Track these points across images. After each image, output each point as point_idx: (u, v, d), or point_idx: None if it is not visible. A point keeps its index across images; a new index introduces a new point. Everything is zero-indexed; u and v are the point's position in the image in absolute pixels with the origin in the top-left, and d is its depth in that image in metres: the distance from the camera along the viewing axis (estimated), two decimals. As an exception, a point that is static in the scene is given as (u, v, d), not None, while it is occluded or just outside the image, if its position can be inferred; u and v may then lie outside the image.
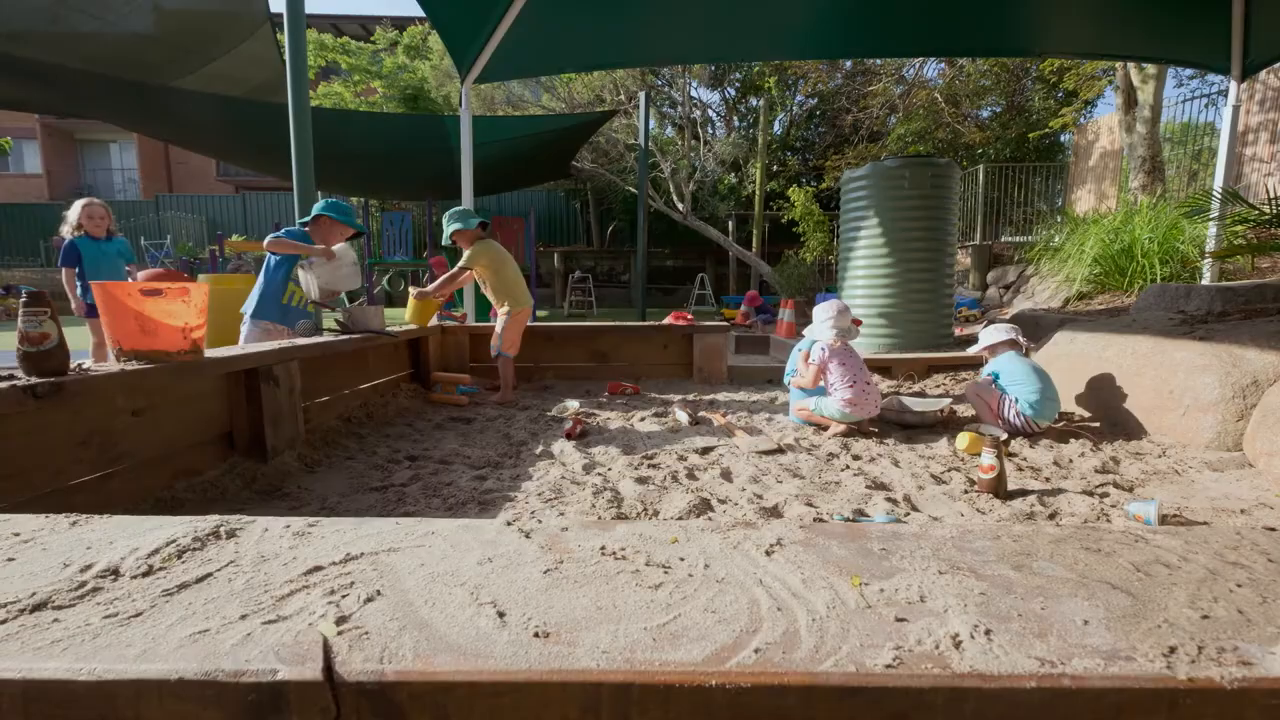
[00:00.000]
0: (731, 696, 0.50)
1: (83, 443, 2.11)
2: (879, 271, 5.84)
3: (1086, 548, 0.76)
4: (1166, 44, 6.49)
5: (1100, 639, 0.56)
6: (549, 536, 0.77)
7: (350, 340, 3.79)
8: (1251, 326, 3.67)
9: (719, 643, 0.55)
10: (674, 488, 2.68)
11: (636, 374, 5.47)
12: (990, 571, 0.69)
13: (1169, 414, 3.36)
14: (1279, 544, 0.76)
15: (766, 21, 6.38)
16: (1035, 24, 6.66)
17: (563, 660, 0.52)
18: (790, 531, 0.80)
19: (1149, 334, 3.90)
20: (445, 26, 5.60)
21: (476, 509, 2.48)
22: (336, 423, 3.59)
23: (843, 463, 2.95)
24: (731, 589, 0.65)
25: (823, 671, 0.51)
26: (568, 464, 3.00)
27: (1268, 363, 3.17)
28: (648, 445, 3.26)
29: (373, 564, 0.69)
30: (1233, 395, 3.14)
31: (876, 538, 0.79)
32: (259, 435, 2.93)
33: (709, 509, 2.40)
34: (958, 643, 0.55)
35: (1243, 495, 2.67)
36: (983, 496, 2.55)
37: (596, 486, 2.67)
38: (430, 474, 2.91)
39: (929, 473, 2.84)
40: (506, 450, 3.24)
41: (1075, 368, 4.23)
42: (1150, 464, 3.04)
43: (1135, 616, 0.60)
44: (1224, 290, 4.96)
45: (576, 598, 0.62)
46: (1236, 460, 2.99)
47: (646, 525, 0.81)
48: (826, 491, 2.57)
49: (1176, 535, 0.80)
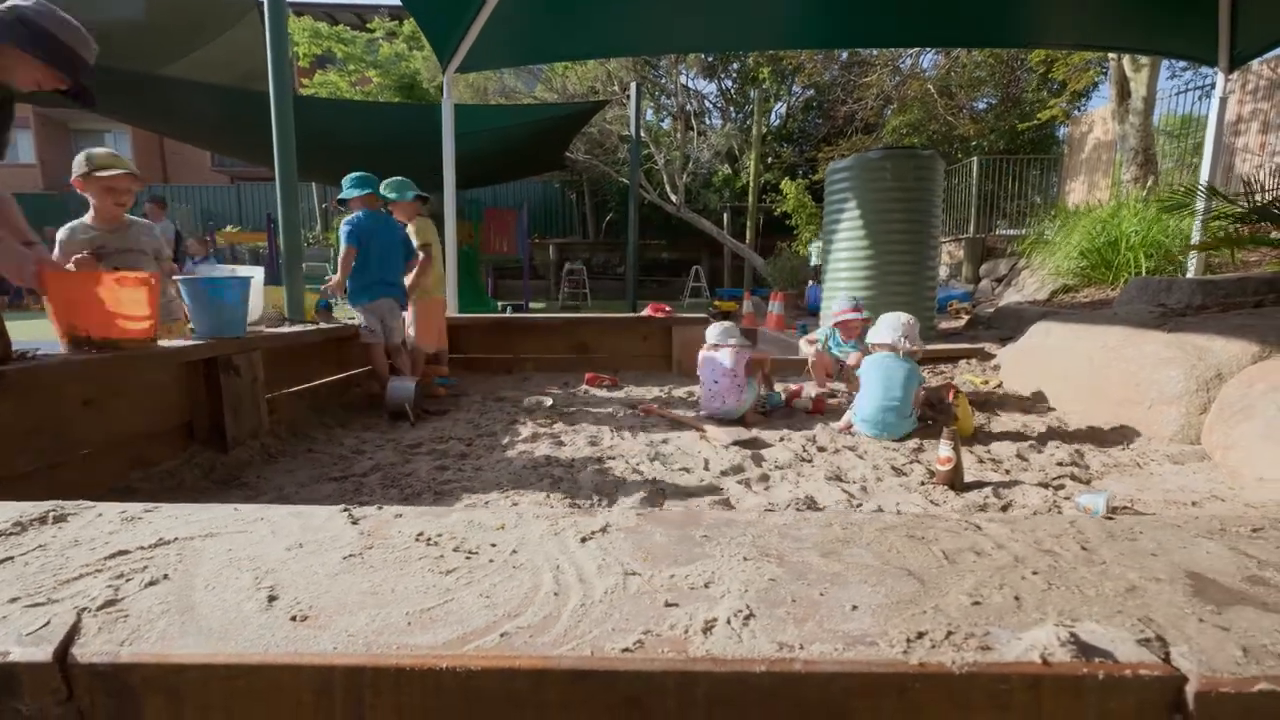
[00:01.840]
0: (462, 679, 0.50)
1: (31, 432, 2.12)
2: (860, 263, 5.82)
3: (910, 535, 0.76)
4: (1155, 36, 6.42)
5: (856, 625, 0.56)
6: (375, 523, 0.78)
7: (319, 331, 3.80)
8: (1220, 320, 3.65)
9: (471, 626, 0.55)
10: (633, 479, 2.68)
11: (616, 365, 5.47)
12: (796, 558, 0.69)
13: (1136, 407, 3.35)
14: (1102, 532, 0.76)
15: (756, 11, 6.33)
16: (1024, 15, 6.59)
17: (305, 643, 0.52)
18: (621, 519, 0.80)
19: (1122, 327, 3.88)
20: (422, 13, 5.56)
21: (431, 499, 2.48)
22: (306, 413, 3.60)
23: (809, 454, 2.94)
24: (522, 574, 0.65)
25: (556, 655, 0.51)
26: (534, 455, 3.00)
27: (1231, 356, 3.15)
28: (616, 437, 3.25)
29: (180, 549, 0.70)
30: (1196, 389, 3.12)
31: (706, 525, 0.79)
32: (219, 425, 2.93)
33: (662, 498, 2.41)
34: (709, 628, 0.55)
35: (1197, 487, 2.66)
36: (938, 488, 2.55)
37: (555, 478, 2.68)
38: (392, 465, 2.92)
39: (891, 465, 2.84)
40: (475, 441, 3.23)
41: (1049, 360, 4.21)
42: (1113, 456, 3.02)
43: (909, 602, 0.60)
44: (1205, 284, 4.93)
45: (357, 582, 0.62)
46: (1197, 453, 2.98)
47: (482, 513, 0.81)
48: (786, 482, 2.56)
49: (1008, 524, 0.79)
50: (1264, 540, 0.74)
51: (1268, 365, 2.87)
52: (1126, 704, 0.50)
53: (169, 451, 2.77)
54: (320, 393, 3.81)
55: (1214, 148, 5.88)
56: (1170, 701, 0.50)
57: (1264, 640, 0.54)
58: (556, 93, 13.04)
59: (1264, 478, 2.53)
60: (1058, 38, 7.19)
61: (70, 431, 2.29)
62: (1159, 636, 0.54)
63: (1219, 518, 0.81)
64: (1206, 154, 5.96)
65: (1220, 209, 4.86)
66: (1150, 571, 0.66)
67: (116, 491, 2.43)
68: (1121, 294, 5.71)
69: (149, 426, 2.67)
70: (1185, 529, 0.78)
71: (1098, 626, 0.55)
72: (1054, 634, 0.52)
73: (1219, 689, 0.49)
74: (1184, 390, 3.16)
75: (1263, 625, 0.56)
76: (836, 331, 3.97)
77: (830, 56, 13.66)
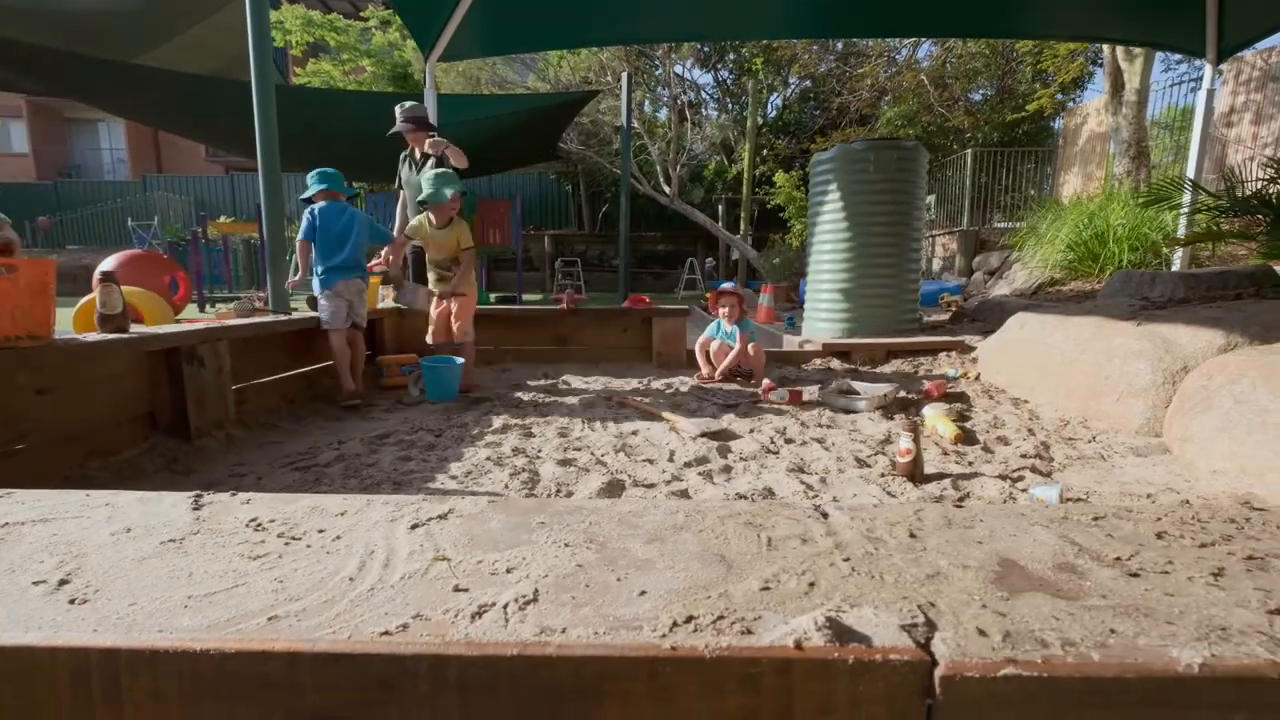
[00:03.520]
0: (216, 662, 0.50)
1: (-24, 420, 2.12)
2: (843, 255, 5.79)
3: (749, 522, 0.76)
4: (1143, 27, 6.36)
5: (633, 610, 0.56)
6: (216, 510, 0.78)
7: (290, 321, 3.80)
8: (1191, 312, 3.63)
9: (246, 610, 0.55)
10: (595, 470, 2.67)
11: (596, 357, 5.47)
12: (618, 545, 0.69)
13: (1105, 399, 3.33)
14: (941, 520, 0.76)
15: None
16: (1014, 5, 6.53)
17: (68, 627, 0.52)
18: (468, 506, 0.80)
19: (1095, 319, 3.86)
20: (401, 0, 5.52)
21: (390, 488, 2.49)
22: (277, 403, 3.60)
23: (776, 446, 2.93)
24: (331, 559, 0.65)
25: (309, 639, 0.51)
26: (501, 445, 2.99)
27: (1199, 349, 3.13)
28: (587, 428, 3.24)
29: (4, 534, 0.70)
30: (1163, 381, 3.11)
31: (550, 513, 0.79)
32: (183, 415, 2.94)
33: (621, 490, 2.40)
34: (480, 613, 0.55)
35: (1155, 480, 2.65)
36: (897, 480, 2.54)
37: (517, 468, 2.67)
38: (357, 455, 2.92)
39: (856, 456, 2.83)
40: (445, 432, 3.23)
41: (1024, 352, 4.19)
42: (1079, 449, 3.01)
43: (702, 588, 0.60)
44: (1187, 277, 4.90)
45: (160, 567, 0.63)
46: (1160, 446, 2.97)
47: (331, 500, 0.81)
48: (748, 473, 2.56)
49: (852, 512, 0.79)
50: (1097, 529, 0.74)
51: (1227, 358, 2.85)
52: (876, 687, 0.50)
53: (130, 441, 2.77)
54: (293, 383, 3.81)
55: (1201, 140, 5.83)
56: (921, 686, 0.50)
57: (1035, 626, 0.54)
58: (549, 83, 12.98)
59: (1217, 470, 2.52)
60: (1047, 28, 7.13)
61: (22, 420, 2.29)
62: (930, 622, 0.54)
63: (1068, 506, 0.80)
64: (1193, 146, 5.91)
65: (1202, 202, 4.82)
66: (963, 559, 0.66)
67: (71, 480, 2.43)
68: (1105, 287, 5.69)
69: (109, 416, 2.67)
70: (1027, 517, 0.77)
71: (871, 612, 0.55)
72: (813, 619, 0.52)
73: (964, 673, 0.49)
74: (1151, 383, 3.15)
75: (1042, 611, 0.56)
76: (721, 321, 4.24)
77: (825, 47, 13.55)
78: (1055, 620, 0.55)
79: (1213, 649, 0.50)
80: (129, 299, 5.98)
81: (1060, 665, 0.49)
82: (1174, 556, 0.66)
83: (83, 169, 20.13)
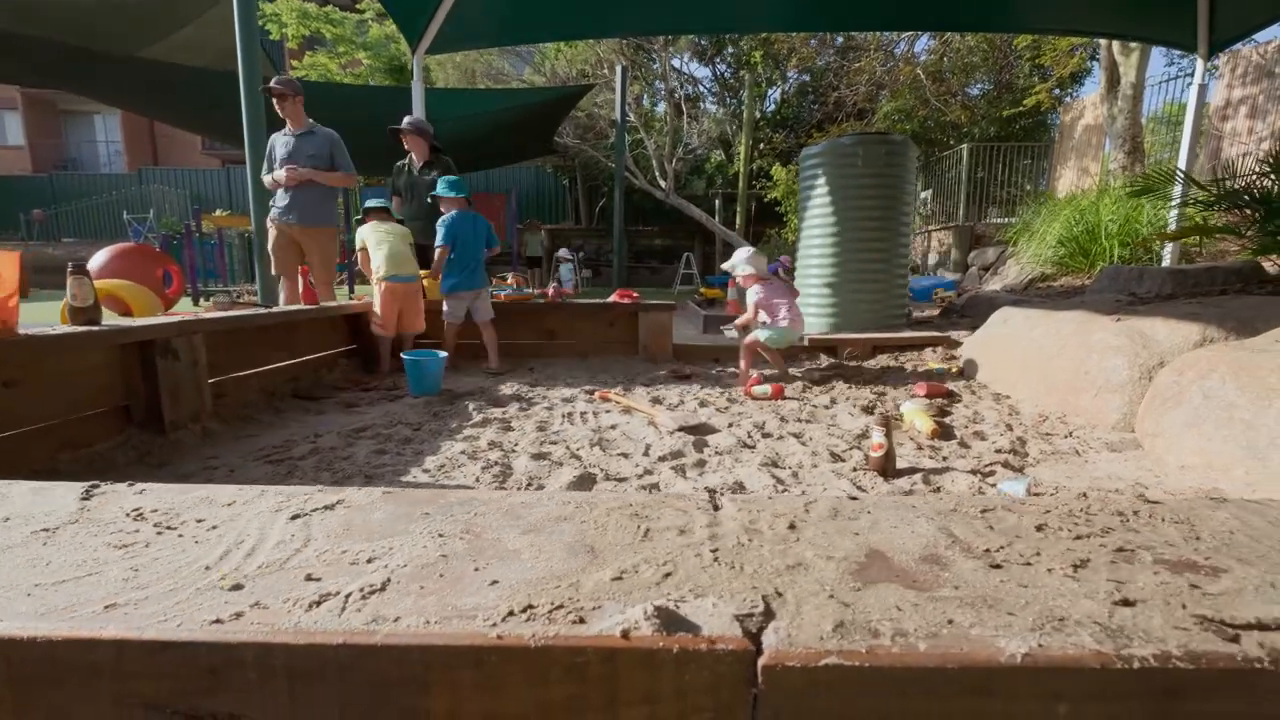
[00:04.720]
0: (44, 649, 0.50)
1: (-59, 412, 2.12)
2: (831, 250, 5.78)
3: (635, 514, 0.76)
4: (1135, 20, 6.32)
5: (476, 599, 0.56)
6: (105, 500, 0.78)
7: (271, 314, 3.80)
8: (1170, 308, 3.61)
9: (82, 598, 0.55)
10: (569, 464, 2.67)
11: (584, 351, 5.47)
12: (492, 536, 0.69)
13: (1083, 395, 3.32)
14: (826, 512, 0.76)
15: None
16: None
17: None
18: (360, 497, 0.80)
19: (1077, 314, 3.85)
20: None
21: (361, 481, 2.49)
22: (257, 397, 3.60)
23: (753, 440, 2.93)
24: (198, 549, 0.65)
25: (138, 627, 0.51)
26: (478, 439, 2.98)
27: (1175, 345, 3.12)
28: (566, 423, 3.24)
29: (-121, 521, 0.70)
30: (1139, 377, 3.10)
31: (439, 504, 0.78)
32: (158, 408, 2.94)
33: (592, 484, 2.40)
34: (320, 601, 0.55)
35: (1125, 475, 2.64)
36: (869, 474, 2.54)
37: (490, 462, 2.67)
38: (333, 449, 2.92)
39: (830, 450, 2.82)
40: (423, 425, 3.22)
41: (1006, 347, 4.18)
42: (1054, 444, 3.00)
43: (556, 578, 0.60)
44: (1175, 273, 4.88)
45: (18, 556, 0.63)
46: (1134, 441, 2.96)
47: (224, 490, 0.81)
48: (722, 468, 2.56)
49: (744, 503, 0.79)
50: (981, 521, 0.73)
51: (1199, 354, 2.83)
52: (702, 677, 0.49)
53: (104, 434, 2.77)
54: (277, 376, 3.81)
55: (1192, 133, 5.79)
56: (747, 675, 0.49)
57: (874, 616, 0.54)
58: (545, 76, 12.94)
59: (1185, 465, 2.51)
60: (1042, 22, 7.08)
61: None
62: (769, 612, 0.54)
63: (960, 498, 0.80)
64: (1185, 140, 5.88)
65: (1191, 195, 4.79)
66: (830, 550, 0.66)
67: (39, 473, 2.44)
68: (1094, 282, 5.67)
69: (82, 409, 2.67)
70: (917, 509, 0.77)
71: (712, 603, 0.55)
72: (644, 609, 0.52)
73: (786, 663, 0.48)
74: (1128, 379, 3.14)
75: (888, 602, 0.56)
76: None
77: (824, 41, 13.48)
78: (898, 611, 0.54)
79: (1041, 639, 0.50)
80: (119, 292, 5.99)
81: (884, 655, 0.49)
82: (1045, 549, 0.66)
83: (78, 161, 20.10)
